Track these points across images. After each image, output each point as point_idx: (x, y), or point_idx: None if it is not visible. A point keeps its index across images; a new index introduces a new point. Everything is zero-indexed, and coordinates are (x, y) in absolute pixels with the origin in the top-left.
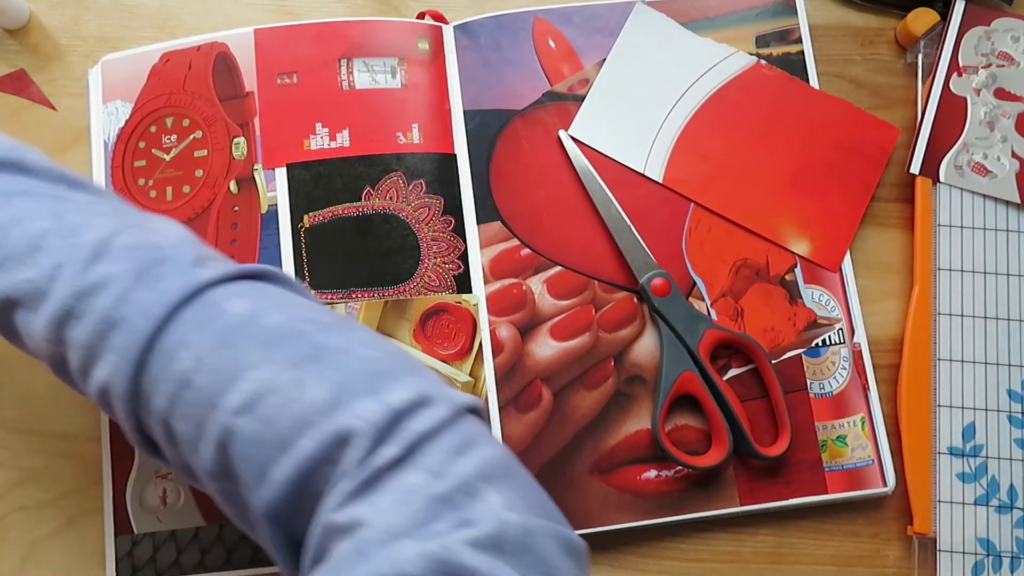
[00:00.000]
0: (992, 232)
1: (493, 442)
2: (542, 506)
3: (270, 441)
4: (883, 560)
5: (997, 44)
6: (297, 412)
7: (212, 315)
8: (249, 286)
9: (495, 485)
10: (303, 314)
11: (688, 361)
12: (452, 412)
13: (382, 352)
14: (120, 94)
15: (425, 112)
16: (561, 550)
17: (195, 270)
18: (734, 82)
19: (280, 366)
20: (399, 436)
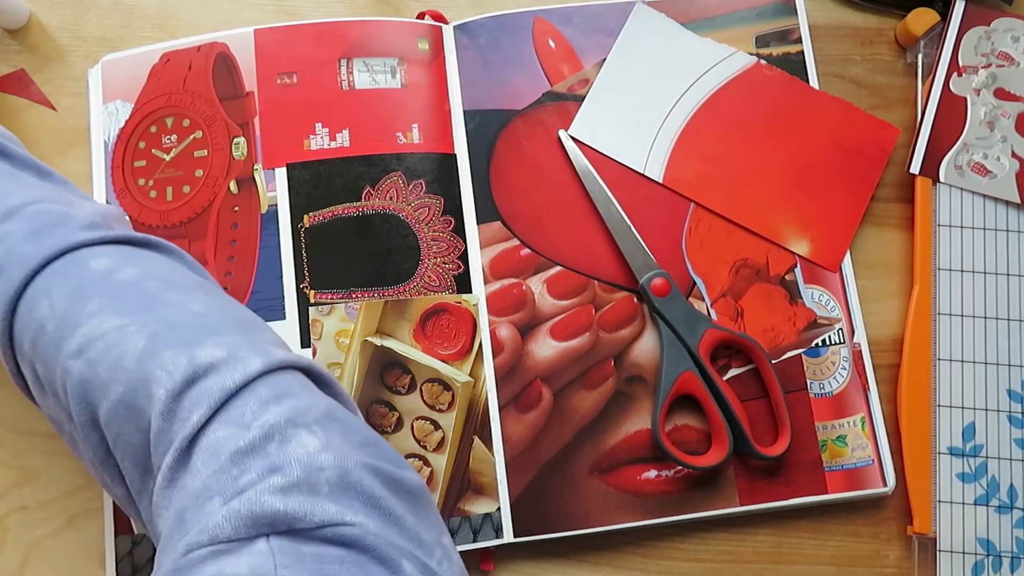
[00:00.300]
0: (992, 232)
1: (315, 393)
2: (369, 448)
3: (92, 383)
4: (883, 560)
5: (997, 44)
6: (114, 357)
7: (75, 269)
8: (123, 249)
9: (311, 428)
10: (157, 274)
11: (688, 361)
12: (266, 367)
13: (217, 311)
14: (120, 94)
15: (425, 112)
16: (384, 483)
17: (80, 232)
18: (734, 82)
19: (111, 314)
20: (205, 395)
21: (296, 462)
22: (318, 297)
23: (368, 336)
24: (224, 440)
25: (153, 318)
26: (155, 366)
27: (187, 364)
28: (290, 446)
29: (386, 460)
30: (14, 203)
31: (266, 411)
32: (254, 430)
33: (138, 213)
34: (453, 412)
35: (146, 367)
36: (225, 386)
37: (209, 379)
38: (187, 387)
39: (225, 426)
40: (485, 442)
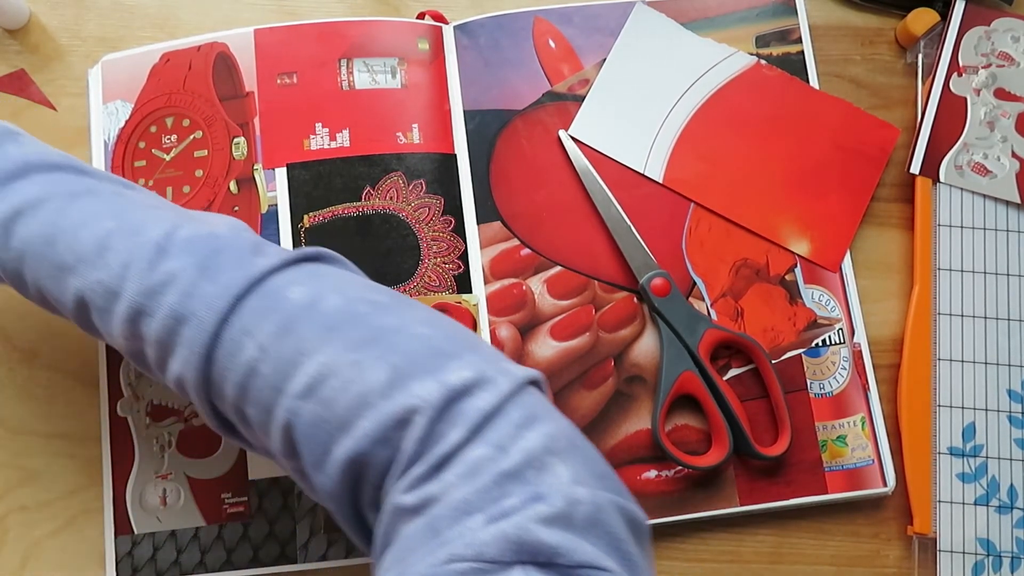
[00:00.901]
0: (992, 232)
1: (557, 414)
2: (608, 479)
3: (330, 423)
4: (883, 560)
5: (997, 44)
6: (356, 394)
7: (273, 303)
8: (306, 270)
9: (563, 458)
10: (359, 295)
11: (688, 361)
12: (514, 387)
13: (439, 330)
14: (120, 94)
15: (425, 112)
16: (626, 525)
17: (253, 259)
18: (734, 82)
19: (339, 349)
20: (462, 417)
21: (557, 493)
22: None
23: None
24: (484, 460)
25: (385, 349)
26: (406, 397)
27: (440, 390)
28: (548, 476)
29: (623, 494)
30: (156, 234)
31: (522, 436)
32: (514, 455)
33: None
34: None
35: (396, 400)
36: (481, 408)
37: (464, 402)
38: (443, 412)
39: (484, 446)
40: None
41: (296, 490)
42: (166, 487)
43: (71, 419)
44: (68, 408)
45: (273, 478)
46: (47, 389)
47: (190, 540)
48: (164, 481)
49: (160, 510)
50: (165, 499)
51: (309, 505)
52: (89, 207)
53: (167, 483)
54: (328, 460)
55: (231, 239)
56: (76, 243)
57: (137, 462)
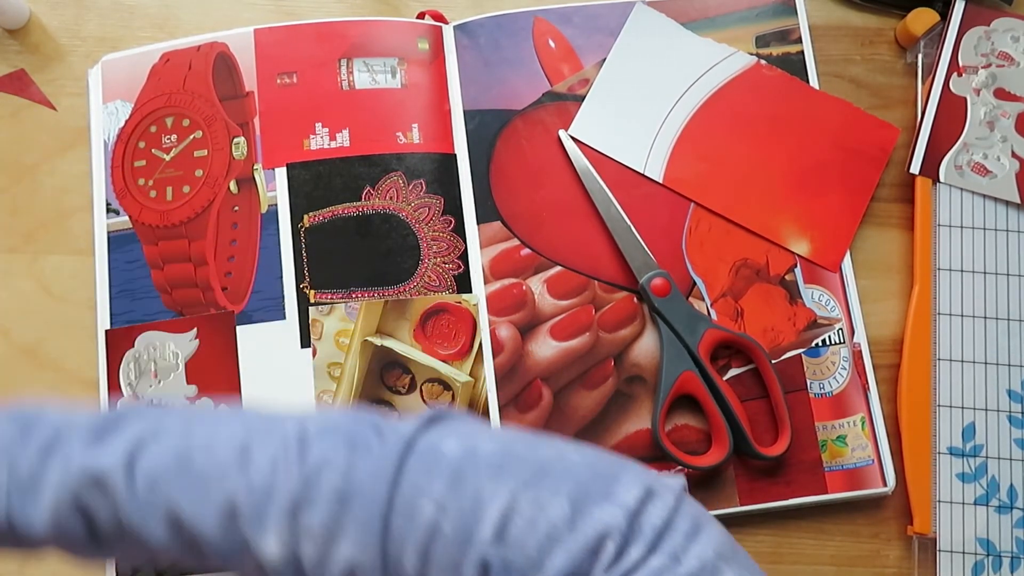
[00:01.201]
0: (992, 232)
1: (714, 521)
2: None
3: (522, 565)
4: (883, 560)
5: (997, 44)
6: (543, 530)
7: (434, 459)
8: (445, 427)
9: (731, 564)
10: (507, 435)
11: (688, 361)
12: (676, 499)
13: (588, 455)
14: (120, 94)
15: (425, 112)
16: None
17: (392, 426)
18: (734, 82)
19: (515, 489)
20: (640, 534)
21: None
22: (318, 297)
23: (368, 336)
24: (661, 569)
25: (557, 480)
26: (592, 526)
27: (622, 512)
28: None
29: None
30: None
31: (692, 544)
32: (689, 562)
33: (138, 213)
34: None
35: (583, 531)
36: (655, 524)
37: (639, 519)
38: (628, 532)
39: (661, 557)
40: None
41: None
42: None
43: None
44: None
45: None
46: (47, 389)
47: None
48: None
49: None
50: None
51: None
52: (209, 420)
53: None
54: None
55: (355, 418)
56: (214, 454)
57: None
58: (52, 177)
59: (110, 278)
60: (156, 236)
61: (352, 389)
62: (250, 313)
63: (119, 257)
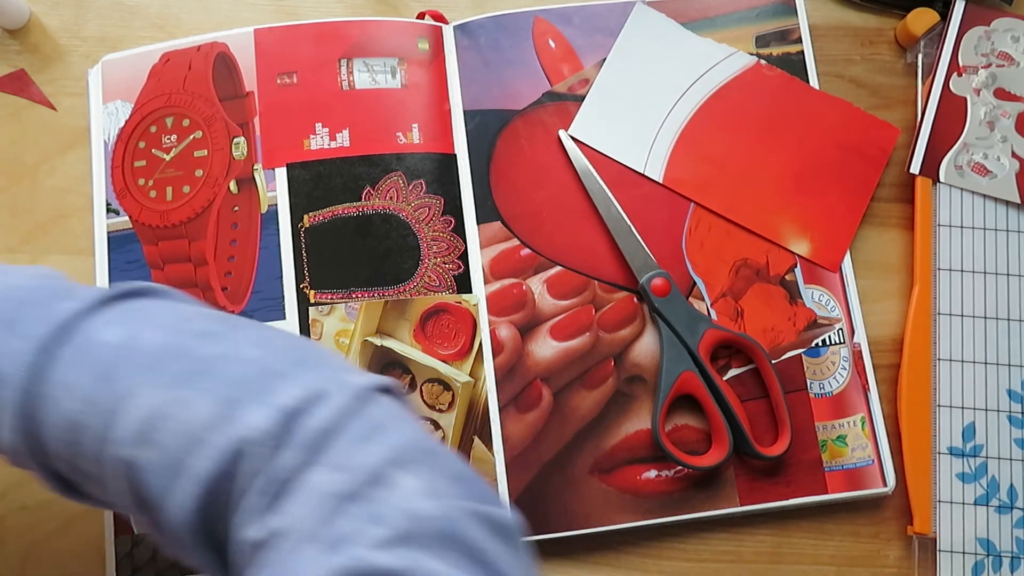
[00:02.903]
0: (992, 232)
1: (406, 423)
2: (466, 482)
3: (167, 467)
4: (883, 560)
5: (997, 44)
6: (185, 432)
7: (87, 349)
8: (121, 309)
9: (410, 468)
10: (182, 327)
11: (688, 361)
12: (352, 399)
13: (270, 350)
14: (120, 94)
15: (425, 112)
16: (489, 531)
17: (58, 304)
18: (734, 82)
19: (163, 388)
20: (297, 438)
21: (399, 511)
22: (318, 297)
23: (368, 336)
24: (320, 484)
25: (211, 380)
26: (236, 428)
27: (270, 415)
28: (392, 492)
29: (484, 498)
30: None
31: (362, 451)
32: (352, 472)
33: (138, 213)
34: (453, 412)
35: (226, 433)
36: (316, 427)
37: (295, 423)
38: (278, 437)
39: (321, 468)
40: (485, 442)
41: None
42: None
43: None
44: None
45: None
46: None
47: None
48: None
49: None
50: None
51: None
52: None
53: None
54: (170, 505)
55: (37, 288)
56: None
57: None
58: (52, 177)
59: (110, 278)
60: (156, 236)
61: None
62: (250, 313)
63: (119, 257)
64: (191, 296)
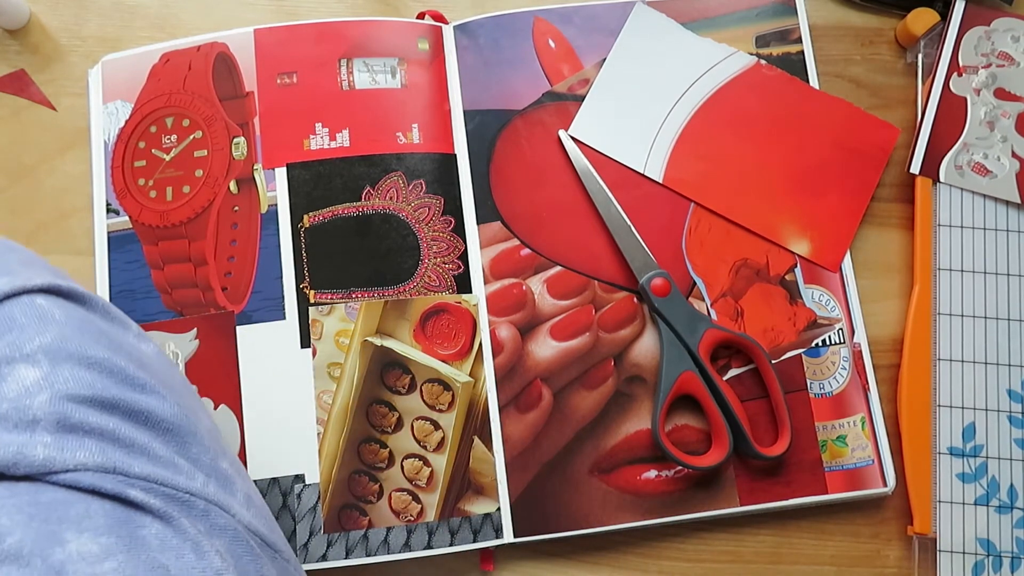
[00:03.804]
0: (992, 232)
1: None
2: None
3: None
4: (883, 560)
5: (997, 44)
6: None
7: None
8: None
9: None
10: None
11: (688, 361)
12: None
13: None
14: (120, 94)
15: (425, 112)
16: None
17: None
18: (734, 82)
19: None
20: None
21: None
22: (318, 297)
23: (368, 336)
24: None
25: None
26: None
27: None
28: (3, 385)
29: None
30: None
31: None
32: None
33: (138, 213)
34: (453, 412)
35: None
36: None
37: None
38: None
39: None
40: (485, 442)
41: (296, 490)
42: None
43: None
44: None
45: (273, 478)
46: None
47: None
48: None
49: None
50: None
51: (309, 505)
52: None
53: None
54: None
55: None
56: None
57: None
58: (52, 177)
59: (110, 278)
60: (156, 236)
61: (352, 389)
62: (250, 313)
63: (119, 257)
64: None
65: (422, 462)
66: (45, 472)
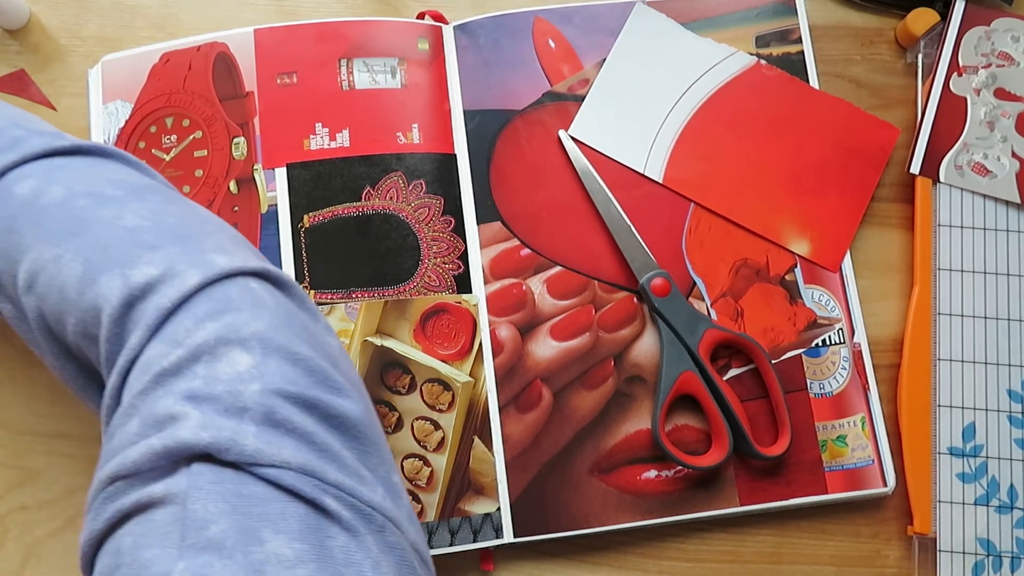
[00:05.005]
0: (992, 232)
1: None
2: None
3: (50, 316)
4: (883, 560)
5: (997, 44)
6: (58, 290)
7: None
8: (50, 164)
9: (247, 344)
10: (86, 188)
11: (688, 361)
12: (204, 279)
13: (154, 222)
14: (120, 94)
15: (425, 112)
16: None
17: (2, 156)
18: (734, 82)
19: (46, 245)
20: (144, 316)
21: (222, 388)
22: (318, 297)
23: (368, 336)
24: (153, 358)
25: (85, 242)
26: (95, 293)
27: (122, 287)
28: (219, 366)
29: (325, 385)
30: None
31: (201, 328)
32: (183, 348)
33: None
34: (453, 412)
35: (87, 296)
36: (162, 305)
37: (146, 300)
38: (126, 310)
39: (158, 344)
40: (485, 442)
41: None
42: None
43: (71, 419)
44: (68, 408)
45: None
46: (48, 390)
47: None
48: None
49: None
50: None
51: None
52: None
53: None
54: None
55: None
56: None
57: None
58: None
59: None
60: None
61: None
62: None
63: None
64: (141, 163)
65: (422, 462)
66: (252, 463)
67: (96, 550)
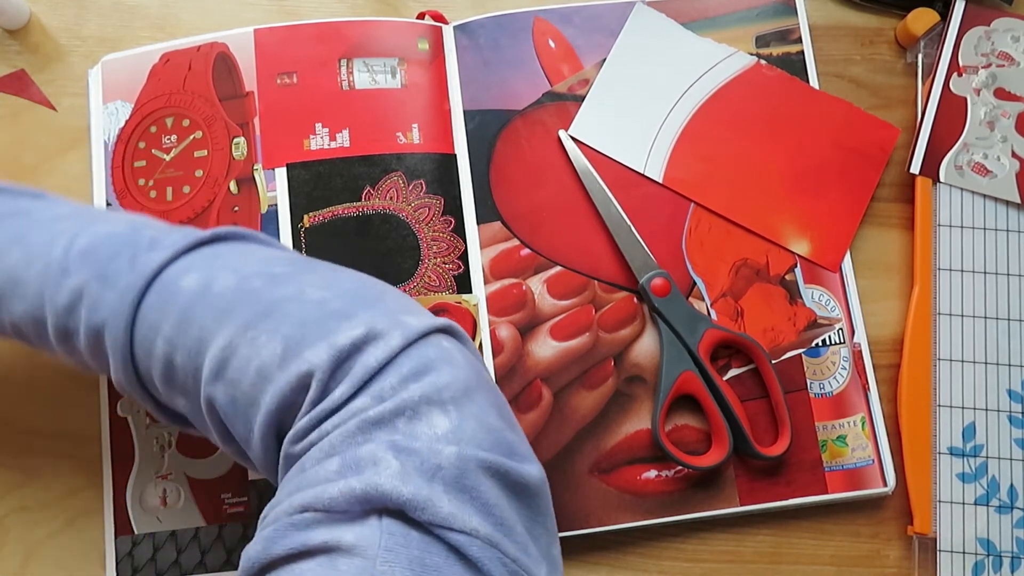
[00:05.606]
0: (992, 232)
1: (461, 363)
2: (497, 432)
3: (241, 401)
4: (883, 560)
5: (997, 44)
6: (256, 370)
7: (170, 296)
8: (201, 255)
9: (445, 408)
10: (254, 270)
11: (688, 361)
12: (406, 339)
13: (336, 292)
14: (120, 94)
15: (425, 112)
16: (500, 485)
17: (147, 256)
18: (734, 82)
19: (235, 330)
20: (350, 374)
21: (421, 446)
22: None
23: None
24: (358, 408)
25: (279, 321)
26: (299, 365)
27: (329, 352)
28: (419, 425)
29: (511, 453)
30: (57, 254)
31: (405, 388)
32: (390, 403)
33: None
34: None
35: (291, 369)
36: (368, 364)
37: (354, 360)
38: (334, 372)
39: (364, 398)
40: None
41: None
42: (166, 487)
43: (71, 419)
44: (68, 408)
45: None
46: (48, 389)
47: (190, 540)
48: (164, 481)
49: (160, 510)
50: (165, 499)
51: None
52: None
53: (167, 483)
54: (251, 436)
55: (127, 237)
56: (18, 271)
57: (137, 462)
58: (52, 177)
59: None
60: None
61: None
62: None
63: None
64: (271, 238)
65: None
66: (445, 526)
67: (265, 571)
